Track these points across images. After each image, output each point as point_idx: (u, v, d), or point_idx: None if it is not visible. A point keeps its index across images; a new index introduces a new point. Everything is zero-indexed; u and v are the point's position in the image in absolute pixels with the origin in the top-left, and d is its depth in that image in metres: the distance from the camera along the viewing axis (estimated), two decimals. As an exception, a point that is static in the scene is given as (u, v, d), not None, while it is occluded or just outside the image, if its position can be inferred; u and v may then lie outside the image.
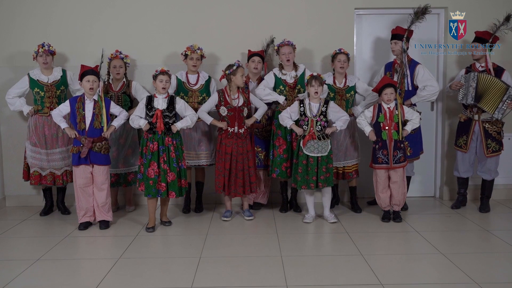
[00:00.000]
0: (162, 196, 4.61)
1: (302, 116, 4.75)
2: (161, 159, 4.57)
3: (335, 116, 4.76)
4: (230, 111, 4.80)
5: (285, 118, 4.80)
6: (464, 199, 5.38)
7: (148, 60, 5.44)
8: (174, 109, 4.64)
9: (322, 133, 4.72)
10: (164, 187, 4.57)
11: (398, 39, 5.05)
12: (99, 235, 4.59)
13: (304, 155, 4.70)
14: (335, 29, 5.47)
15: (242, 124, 4.83)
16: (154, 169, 4.57)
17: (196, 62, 5.05)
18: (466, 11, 5.34)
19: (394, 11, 5.50)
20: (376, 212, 5.13)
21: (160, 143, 4.58)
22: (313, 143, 4.69)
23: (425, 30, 5.48)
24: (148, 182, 4.57)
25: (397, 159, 4.73)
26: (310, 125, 4.71)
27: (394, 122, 4.70)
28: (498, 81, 4.90)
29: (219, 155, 4.87)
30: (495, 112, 4.90)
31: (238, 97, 4.81)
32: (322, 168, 4.70)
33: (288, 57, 5.01)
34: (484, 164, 5.14)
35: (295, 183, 4.77)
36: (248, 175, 4.87)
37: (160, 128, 4.55)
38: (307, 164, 4.71)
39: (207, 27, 5.47)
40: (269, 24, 5.44)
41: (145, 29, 5.48)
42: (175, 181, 4.60)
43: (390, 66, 5.20)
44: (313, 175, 4.69)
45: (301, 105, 4.76)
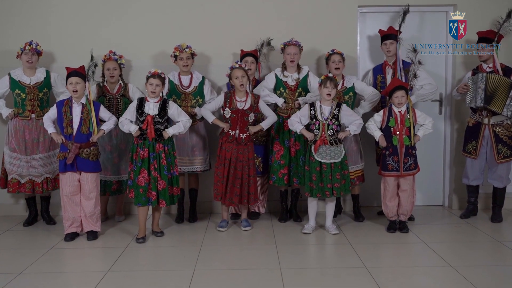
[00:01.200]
0: (153, 205, 4.61)
1: (313, 119, 4.74)
2: (151, 166, 4.57)
3: (348, 120, 4.74)
4: (233, 113, 4.79)
5: (295, 122, 4.77)
6: (474, 208, 5.38)
7: (143, 60, 5.45)
8: (166, 114, 4.64)
9: (335, 137, 4.70)
10: (155, 196, 4.58)
11: (393, 38, 5.09)
12: (86, 247, 4.56)
13: (316, 162, 4.69)
14: (337, 28, 5.49)
15: (245, 129, 4.81)
16: (145, 176, 4.57)
17: (186, 62, 5.04)
18: (474, 9, 5.37)
19: (398, 9, 5.48)
20: (381, 222, 5.13)
21: (150, 149, 4.58)
22: (325, 148, 4.68)
23: (432, 28, 5.52)
24: (138, 190, 4.57)
25: (407, 166, 4.72)
26: (322, 129, 4.70)
27: (406, 127, 4.70)
28: (506, 79, 4.93)
29: (219, 160, 4.87)
30: (503, 110, 4.90)
31: (245, 100, 4.80)
32: (336, 175, 4.69)
33: (293, 58, 5.01)
34: (495, 171, 5.14)
35: (309, 191, 4.75)
36: (247, 185, 4.85)
37: (151, 135, 4.55)
38: (321, 171, 4.69)
39: (199, 25, 5.49)
40: (265, 22, 5.46)
41: (140, 28, 5.50)
42: (165, 189, 4.60)
43: (380, 69, 5.23)
44: (328, 183, 4.68)
45: (311, 108, 4.75)
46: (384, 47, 5.17)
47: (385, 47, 5.15)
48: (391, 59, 5.16)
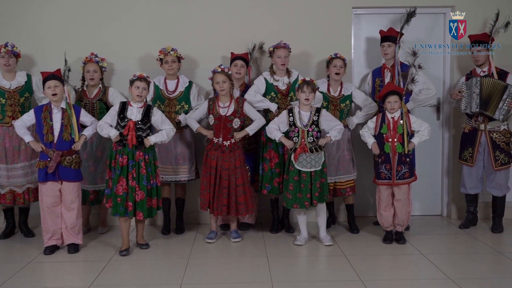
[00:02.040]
0: (129, 216, 4.58)
1: (292, 126, 4.73)
2: (129, 175, 4.53)
3: (328, 126, 4.74)
4: (216, 120, 4.78)
5: (273, 130, 4.76)
6: (474, 218, 5.38)
7: (126, 64, 5.43)
8: (149, 121, 4.62)
9: (315, 144, 4.69)
10: (131, 207, 4.54)
11: (391, 41, 5.09)
12: (67, 260, 4.52)
13: (295, 170, 4.68)
14: (330, 30, 5.50)
15: (229, 136, 4.79)
16: (123, 185, 4.54)
17: (172, 65, 5.03)
18: (471, 10, 5.40)
19: (394, 10, 5.52)
20: (377, 232, 5.12)
21: (129, 157, 4.54)
22: (305, 156, 4.66)
23: (429, 30, 5.55)
24: (116, 200, 4.53)
25: (401, 175, 4.72)
26: (301, 136, 4.69)
27: (399, 134, 4.69)
28: (501, 82, 4.96)
29: (205, 168, 4.86)
30: (495, 114, 4.91)
31: (228, 105, 4.79)
32: (316, 183, 4.68)
33: (283, 61, 5.01)
34: (493, 179, 5.15)
35: (286, 201, 4.74)
36: (235, 195, 4.82)
37: (132, 141, 4.52)
38: (299, 180, 4.68)
39: (187, 27, 5.49)
40: (255, 24, 5.46)
41: (123, 31, 5.49)
42: (143, 200, 4.56)
43: (379, 72, 5.24)
44: (307, 192, 4.67)
45: (290, 115, 4.74)
46: (381, 50, 5.18)
47: (382, 49, 5.16)
48: (390, 62, 5.17)
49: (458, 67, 5.57)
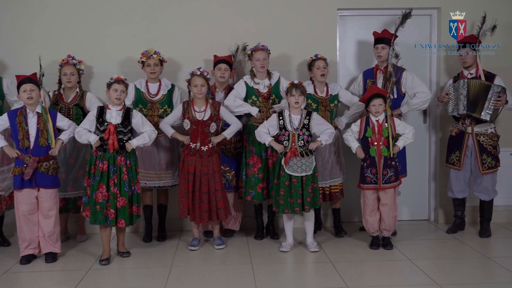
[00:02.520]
0: (110, 224, 4.54)
1: (282, 130, 4.73)
2: (111, 181, 4.49)
3: (319, 129, 4.75)
4: (192, 125, 4.76)
5: (263, 133, 4.75)
6: (461, 222, 5.41)
7: (106, 67, 5.39)
8: (129, 123, 4.59)
9: (306, 148, 4.69)
10: (113, 214, 4.49)
11: (385, 43, 5.10)
12: (44, 270, 4.47)
13: (286, 175, 4.67)
14: (316, 32, 5.51)
15: (207, 140, 4.78)
16: (103, 192, 4.49)
17: (154, 69, 5.02)
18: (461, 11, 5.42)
19: (381, 12, 5.57)
20: (363, 238, 5.12)
21: (111, 162, 4.50)
22: (296, 161, 4.66)
23: (415, 32, 5.58)
24: (95, 207, 4.49)
25: (387, 179, 4.73)
26: (292, 140, 4.69)
27: (384, 137, 4.71)
28: (485, 82, 4.99)
29: (182, 174, 4.83)
30: (482, 114, 4.94)
31: (205, 110, 4.78)
32: (308, 188, 4.68)
33: (263, 64, 5.01)
34: (480, 183, 5.18)
35: (277, 206, 4.74)
36: (215, 199, 4.81)
37: (113, 146, 4.48)
38: (290, 186, 4.67)
39: (169, 29, 5.47)
40: (239, 26, 5.45)
41: (102, 33, 5.45)
42: (125, 207, 4.53)
43: (371, 73, 5.24)
44: (298, 198, 4.66)
45: (280, 118, 4.74)
46: (375, 51, 5.18)
47: (376, 52, 5.16)
48: (383, 64, 5.17)
49: (446, 69, 5.61)
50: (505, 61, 5.56)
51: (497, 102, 4.92)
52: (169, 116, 4.90)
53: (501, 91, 4.92)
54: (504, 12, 5.51)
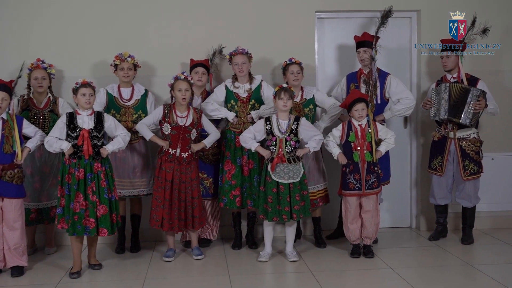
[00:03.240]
0: (91, 234, 4.48)
1: (269, 135, 4.71)
2: (89, 189, 4.44)
3: (308, 135, 4.75)
4: (173, 130, 4.73)
5: (248, 139, 4.74)
6: (443, 229, 5.43)
7: (77, 71, 5.33)
8: (102, 128, 4.55)
9: (293, 155, 4.68)
10: (94, 223, 4.43)
11: (367, 46, 5.10)
12: (11, 285, 4.39)
13: (273, 182, 4.66)
14: (293, 35, 5.50)
15: (187, 147, 4.75)
16: (80, 201, 4.43)
17: (127, 73, 4.98)
18: (438, 15, 5.52)
19: (360, 14, 5.59)
20: (344, 246, 5.11)
21: (87, 170, 4.45)
22: (283, 167, 4.65)
23: (394, 35, 5.60)
24: (73, 218, 4.42)
25: (370, 185, 4.74)
26: (279, 145, 4.68)
27: (367, 142, 4.71)
28: (465, 86, 5.02)
29: (157, 182, 4.78)
30: (462, 118, 4.96)
31: (187, 115, 4.76)
32: (295, 196, 4.66)
33: (241, 68, 5.00)
34: (462, 189, 5.20)
35: (265, 214, 4.71)
36: (191, 208, 4.78)
37: (88, 152, 4.43)
38: (277, 193, 4.66)
39: (142, 32, 5.43)
40: (216, 29, 5.44)
41: (73, 36, 5.40)
42: (106, 215, 4.48)
43: (354, 77, 5.25)
44: (286, 205, 4.65)
45: (267, 123, 4.73)
46: (358, 55, 5.18)
47: (359, 56, 5.16)
48: (366, 68, 5.17)
49: (427, 73, 5.65)
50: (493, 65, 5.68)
51: (476, 106, 4.94)
52: (147, 117, 4.87)
53: (480, 94, 4.95)
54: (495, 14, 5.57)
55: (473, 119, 5.00)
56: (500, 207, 5.77)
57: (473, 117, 4.99)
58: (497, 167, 5.68)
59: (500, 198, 5.75)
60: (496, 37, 5.50)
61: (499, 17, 5.60)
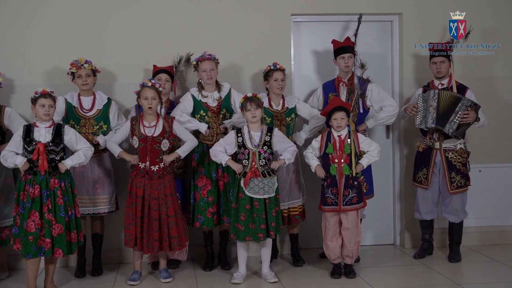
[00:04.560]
0: (46, 256, 4.35)
1: (241, 148, 4.66)
2: (44, 207, 4.33)
3: (282, 147, 4.72)
4: (141, 142, 4.67)
5: (218, 152, 4.69)
6: (429, 246, 5.41)
7: (29, 79, 5.24)
8: (61, 141, 4.44)
9: (267, 168, 4.62)
10: (49, 244, 4.32)
11: (351, 52, 5.09)
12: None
13: (246, 198, 4.61)
14: (267, 39, 5.49)
15: (157, 160, 4.67)
16: (36, 220, 4.31)
17: (86, 80, 4.90)
18: (420, 18, 5.56)
19: (339, 18, 5.58)
20: (324, 266, 5.07)
21: (43, 186, 4.35)
22: (257, 181, 4.61)
23: (375, 40, 5.65)
24: (27, 238, 4.29)
25: (348, 200, 4.68)
26: (252, 159, 4.62)
27: (346, 154, 4.68)
28: (456, 94, 5.02)
29: (129, 198, 4.72)
30: (446, 126, 4.95)
31: (155, 125, 4.68)
32: (272, 212, 4.63)
33: (210, 74, 4.96)
34: (448, 203, 5.18)
35: (235, 233, 4.66)
36: (167, 227, 4.69)
37: (43, 167, 4.33)
38: (251, 209, 4.60)
39: (102, 36, 5.37)
40: (181, 33, 5.41)
41: (24, 41, 5.30)
42: (62, 235, 4.37)
43: (332, 85, 5.24)
44: (261, 223, 4.59)
45: (238, 135, 4.67)
46: (340, 62, 5.12)
47: (343, 62, 5.10)
48: (346, 75, 5.14)
49: (411, 79, 5.66)
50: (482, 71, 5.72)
51: (464, 116, 4.92)
52: (117, 134, 4.82)
53: (471, 105, 4.94)
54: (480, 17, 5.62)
55: (458, 130, 4.97)
56: (489, 222, 5.78)
57: (458, 128, 4.96)
58: (485, 179, 5.69)
59: (488, 212, 5.76)
60: (497, 37, 5.58)
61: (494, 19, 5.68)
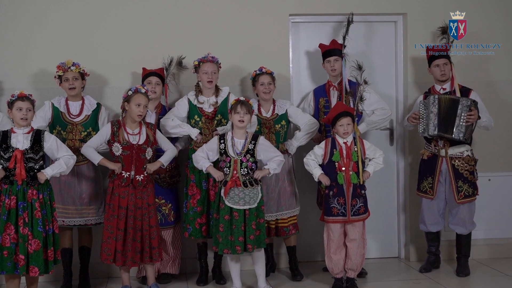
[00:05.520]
0: (20, 273, 4.24)
1: (223, 155, 4.61)
2: (20, 220, 4.22)
3: (267, 156, 4.67)
4: (125, 150, 4.59)
5: (200, 158, 4.66)
6: (436, 259, 5.36)
7: (16, 82, 5.18)
8: (41, 148, 4.35)
9: (249, 177, 4.57)
10: (23, 261, 4.21)
11: (338, 54, 5.12)
12: None
13: (226, 208, 4.55)
14: (265, 41, 5.47)
15: (142, 168, 4.61)
16: (11, 234, 4.20)
17: (73, 83, 4.84)
18: (425, 19, 5.54)
19: (339, 18, 5.51)
20: (324, 280, 5.03)
21: (19, 197, 4.25)
22: (238, 191, 4.55)
23: (378, 41, 5.63)
24: (2, 253, 4.19)
25: (356, 210, 4.64)
26: (233, 167, 4.55)
27: (353, 162, 4.63)
28: (454, 97, 4.99)
29: (109, 210, 4.62)
30: (454, 133, 4.91)
31: (139, 132, 4.65)
32: (251, 224, 4.56)
33: (210, 78, 4.94)
34: (455, 214, 5.13)
35: (216, 245, 4.60)
36: (148, 237, 4.63)
37: (21, 176, 4.23)
38: (230, 220, 4.54)
39: (91, 38, 5.33)
40: (174, 35, 5.38)
41: (9, 42, 5.26)
42: (39, 251, 4.25)
43: (323, 90, 5.26)
44: (240, 235, 4.53)
45: (221, 141, 4.61)
46: (327, 65, 5.16)
47: (329, 65, 5.14)
48: (336, 79, 5.17)
49: (415, 83, 5.64)
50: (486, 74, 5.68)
51: (469, 118, 4.89)
52: (93, 138, 4.73)
53: (471, 104, 4.91)
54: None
55: (466, 133, 4.93)
56: (498, 234, 5.73)
57: (466, 131, 4.92)
58: (495, 188, 5.64)
59: (498, 224, 5.72)
60: (496, 37, 5.56)
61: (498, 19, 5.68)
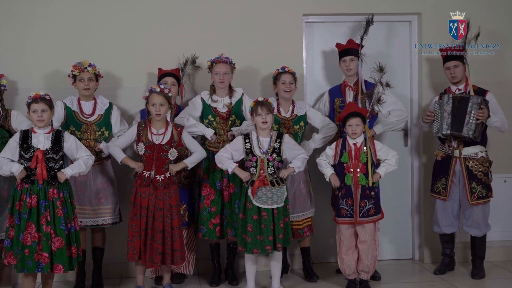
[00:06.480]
0: (44, 271, 4.32)
1: (249, 155, 4.64)
2: (42, 218, 4.29)
3: (292, 154, 4.71)
4: (147, 149, 4.65)
5: (225, 159, 4.68)
6: (451, 261, 5.37)
7: (31, 82, 5.25)
8: (61, 149, 4.42)
9: (276, 176, 4.61)
10: (47, 259, 4.28)
11: (354, 54, 5.12)
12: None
13: (254, 208, 4.60)
14: (278, 41, 5.50)
15: (163, 169, 4.67)
16: (32, 233, 4.27)
17: (88, 84, 4.90)
18: (440, 19, 5.53)
19: (353, 18, 5.57)
20: (338, 281, 5.06)
21: (41, 196, 4.32)
22: (265, 191, 4.59)
23: (392, 41, 5.66)
24: (23, 252, 4.26)
25: (365, 212, 4.66)
26: (260, 166, 4.60)
27: (362, 163, 4.66)
28: (465, 95, 5.01)
29: (133, 209, 4.69)
30: (463, 131, 4.93)
31: (164, 132, 4.69)
32: (280, 223, 4.61)
33: (222, 78, 4.99)
34: (469, 215, 5.15)
35: (243, 245, 4.64)
36: (171, 240, 4.67)
37: (42, 175, 4.30)
38: (259, 220, 4.58)
39: (105, 38, 5.39)
40: (189, 35, 5.42)
41: (26, 43, 5.33)
42: (62, 249, 4.32)
43: (338, 91, 5.28)
44: (269, 234, 4.58)
45: (246, 141, 4.66)
46: (343, 65, 5.19)
47: (344, 65, 5.17)
48: (352, 79, 5.18)
49: (431, 84, 5.64)
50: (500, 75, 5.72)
51: (479, 115, 4.91)
52: (120, 138, 4.82)
53: (481, 102, 4.93)
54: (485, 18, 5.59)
55: (476, 131, 4.95)
56: None
57: (476, 129, 4.94)
58: (510, 190, 5.66)
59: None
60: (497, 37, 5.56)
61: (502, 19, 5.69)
